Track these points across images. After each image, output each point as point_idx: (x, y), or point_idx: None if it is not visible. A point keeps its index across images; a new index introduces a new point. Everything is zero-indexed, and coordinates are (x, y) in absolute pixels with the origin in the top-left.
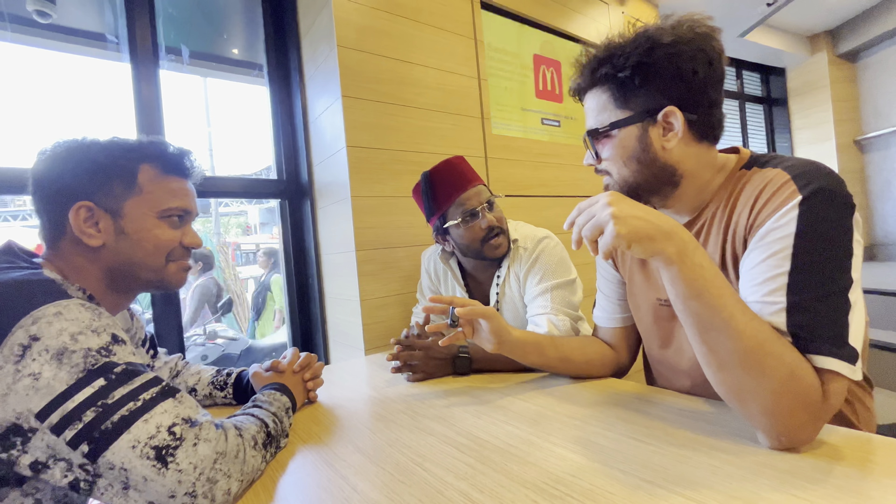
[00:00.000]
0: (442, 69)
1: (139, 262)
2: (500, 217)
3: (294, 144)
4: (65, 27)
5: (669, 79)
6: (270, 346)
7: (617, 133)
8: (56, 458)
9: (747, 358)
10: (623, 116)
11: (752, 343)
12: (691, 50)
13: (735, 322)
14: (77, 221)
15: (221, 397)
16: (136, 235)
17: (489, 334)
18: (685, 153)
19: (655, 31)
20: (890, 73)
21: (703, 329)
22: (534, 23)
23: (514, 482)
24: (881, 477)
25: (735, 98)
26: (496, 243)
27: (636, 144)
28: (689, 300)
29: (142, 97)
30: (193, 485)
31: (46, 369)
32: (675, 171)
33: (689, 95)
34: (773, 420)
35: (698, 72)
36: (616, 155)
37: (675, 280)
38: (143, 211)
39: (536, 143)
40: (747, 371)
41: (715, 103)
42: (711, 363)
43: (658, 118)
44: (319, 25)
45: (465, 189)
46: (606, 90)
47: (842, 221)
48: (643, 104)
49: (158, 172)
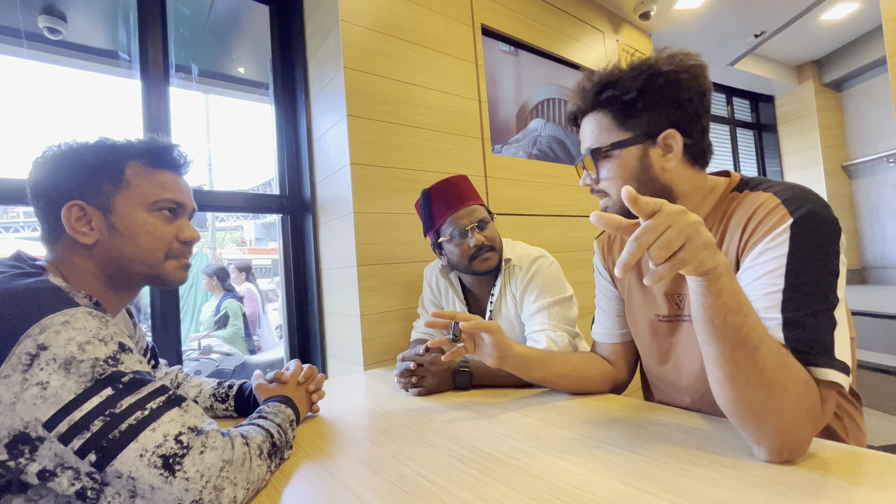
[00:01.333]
0: (444, 91)
1: (132, 257)
2: (493, 236)
3: (297, 161)
4: (76, 44)
5: (669, 104)
6: (267, 362)
7: (618, 153)
8: (64, 466)
9: (775, 376)
10: (625, 137)
11: (779, 361)
12: (689, 78)
13: (768, 339)
14: (69, 220)
15: (223, 409)
16: (127, 231)
17: (491, 349)
18: (681, 175)
19: (656, 60)
20: (874, 103)
21: (737, 346)
22: (532, 48)
23: (517, 493)
24: (872, 489)
25: (726, 123)
26: (484, 257)
27: (637, 164)
28: (734, 314)
29: (151, 113)
30: (200, 492)
31: (54, 378)
32: (671, 191)
33: (685, 120)
34: (785, 436)
35: (693, 100)
36: (617, 175)
37: (724, 291)
38: (133, 205)
39: (535, 164)
40: (772, 389)
41: (704, 130)
42: (735, 381)
43: (658, 140)
44: (327, 47)
45: (457, 208)
46: (608, 112)
47: (830, 243)
48: (644, 126)
49: (146, 167)
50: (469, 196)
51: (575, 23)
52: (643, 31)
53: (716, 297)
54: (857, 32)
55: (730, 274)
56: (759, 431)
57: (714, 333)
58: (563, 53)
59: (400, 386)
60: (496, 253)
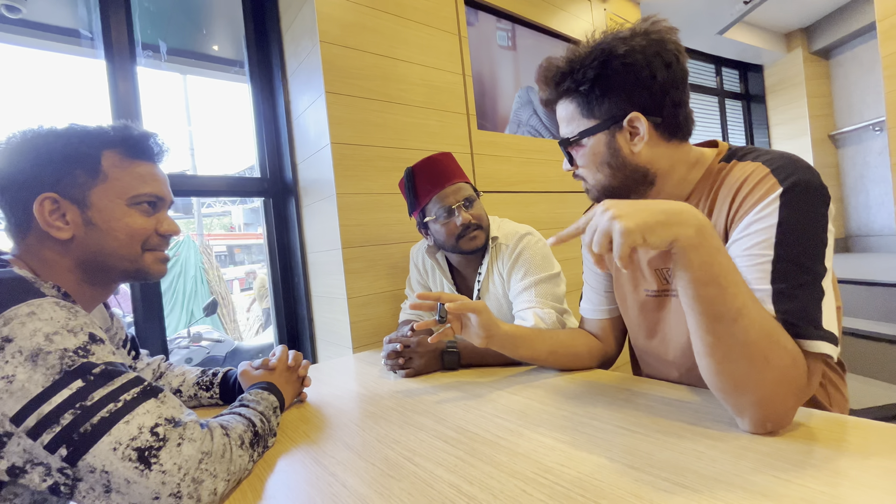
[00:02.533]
0: (427, 65)
1: (112, 253)
2: (479, 214)
3: (277, 142)
4: (36, 22)
5: (629, 86)
6: (258, 348)
7: (587, 141)
8: (34, 462)
9: (755, 348)
10: (590, 125)
11: (762, 333)
12: (646, 57)
13: (748, 311)
14: (42, 215)
15: (207, 398)
16: (105, 225)
17: (478, 328)
18: (656, 154)
19: (611, 42)
20: (861, 70)
21: (714, 318)
22: (518, 19)
23: (503, 473)
24: (856, 456)
25: (715, 94)
26: (471, 236)
27: (605, 150)
28: (706, 286)
29: (118, 95)
30: (178, 485)
31: (20, 371)
32: (647, 171)
33: (650, 100)
34: (767, 408)
35: (656, 76)
36: (588, 161)
37: (692, 264)
38: (112, 199)
39: (522, 140)
40: (753, 361)
41: (679, 103)
42: (715, 353)
43: (623, 124)
44: (301, 21)
45: (443, 186)
46: (572, 101)
47: (819, 212)
48: (608, 112)
49: (123, 157)
50: (454, 174)
51: None
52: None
53: (686, 268)
54: None
55: (699, 247)
56: (740, 403)
57: (690, 304)
58: (549, 24)
59: (388, 368)
60: (483, 231)
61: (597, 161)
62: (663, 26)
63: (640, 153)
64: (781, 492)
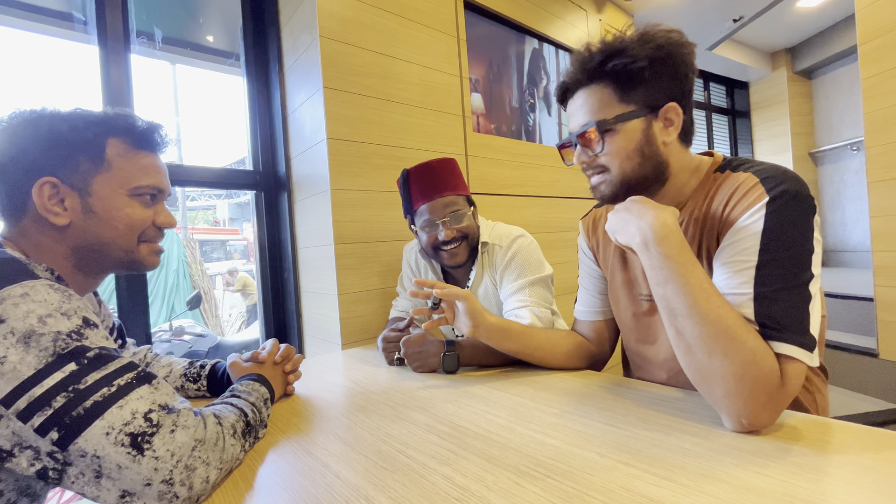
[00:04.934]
0: (425, 65)
1: (109, 242)
2: (466, 226)
3: (271, 135)
4: (27, 4)
5: (671, 77)
6: (241, 343)
7: (622, 126)
8: (22, 446)
9: (711, 342)
10: (628, 110)
11: (715, 328)
12: (686, 54)
13: (698, 308)
14: (41, 199)
15: (194, 390)
16: (105, 214)
17: (465, 316)
18: (676, 151)
19: (655, 34)
20: (842, 91)
21: (671, 314)
22: (515, 25)
23: (496, 466)
24: (836, 456)
25: (702, 108)
26: (452, 252)
27: (641, 137)
28: (657, 286)
29: (110, 82)
30: (171, 472)
31: (12, 353)
32: (667, 166)
33: (682, 95)
34: (735, 402)
35: (689, 76)
36: (620, 148)
37: (645, 268)
38: (114, 188)
39: (516, 144)
40: (711, 355)
41: (692, 108)
42: (680, 346)
43: (660, 113)
44: (301, 15)
45: (431, 198)
46: (608, 85)
47: (804, 220)
48: (645, 99)
49: (128, 147)
50: (446, 185)
51: (558, 0)
52: (626, 11)
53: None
54: (829, 21)
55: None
56: (712, 396)
57: (657, 302)
58: (546, 31)
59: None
60: (467, 245)
61: (630, 147)
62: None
63: (670, 146)
64: (764, 486)
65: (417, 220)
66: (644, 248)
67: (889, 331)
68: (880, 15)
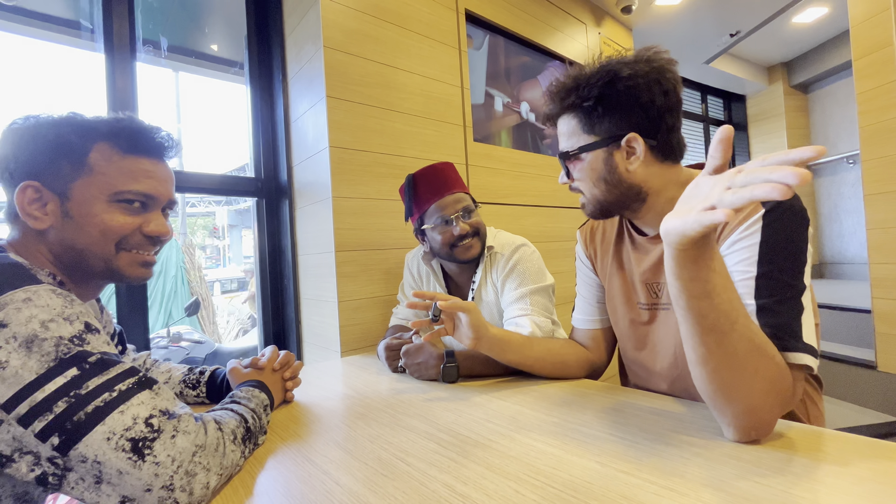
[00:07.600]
0: (426, 76)
1: (84, 249)
2: (477, 222)
3: (273, 143)
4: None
5: (629, 108)
6: (239, 350)
7: (586, 156)
8: (22, 451)
9: (746, 360)
10: (590, 141)
11: (752, 346)
12: (647, 82)
13: (739, 325)
14: (21, 202)
15: (193, 396)
16: (80, 220)
17: (468, 328)
18: (650, 173)
19: (616, 65)
20: (837, 105)
21: (706, 330)
22: (516, 37)
23: (496, 474)
24: (834, 466)
25: (700, 121)
26: (467, 245)
27: (603, 167)
28: (695, 300)
29: (116, 90)
30: (171, 478)
31: (14, 358)
32: (640, 189)
33: (648, 122)
34: (754, 417)
35: (655, 101)
36: (585, 176)
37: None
38: (92, 193)
39: (516, 154)
40: (743, 372)
41: (673, 128)
42: (707, 364)
43: (622, 143)
44: (305, 25)
45: (442, 195)
46: (575, 116)
47: (799, 233)
48: (608, 130)
49: (116, 152)
50: (455, 183)
51: (558, 13)
52: (625, 25)
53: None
54: (824, 37)
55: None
56: (729, 411)
57: (682, 315)
58: (546, 44)
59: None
60: (479, 240)
61: (594, 176)
62: (664, 57)
63: (635, 172)
64: (763, 496)
65: (428, 220)
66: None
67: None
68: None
